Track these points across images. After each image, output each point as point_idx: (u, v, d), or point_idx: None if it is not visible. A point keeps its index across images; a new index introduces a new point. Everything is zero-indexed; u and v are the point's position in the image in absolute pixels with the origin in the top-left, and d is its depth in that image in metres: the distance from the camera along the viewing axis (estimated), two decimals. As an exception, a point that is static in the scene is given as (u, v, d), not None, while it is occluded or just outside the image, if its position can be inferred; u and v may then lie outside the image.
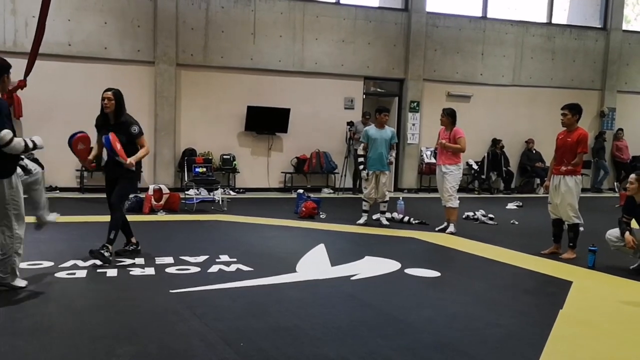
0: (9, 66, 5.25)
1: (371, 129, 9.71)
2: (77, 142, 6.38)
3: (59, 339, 4.13)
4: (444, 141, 9.06)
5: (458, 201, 9.20)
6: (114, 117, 6.52)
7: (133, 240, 6.92)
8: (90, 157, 6.68)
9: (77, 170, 12.74)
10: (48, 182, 12.80)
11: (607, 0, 17.06)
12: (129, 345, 4.00)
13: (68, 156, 7.32)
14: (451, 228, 9.10)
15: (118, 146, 6.35)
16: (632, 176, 6.80)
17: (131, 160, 6.42)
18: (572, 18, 17.31)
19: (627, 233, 6.63)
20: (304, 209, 10.33)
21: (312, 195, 11.57)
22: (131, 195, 10.93)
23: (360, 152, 9.86)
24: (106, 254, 6.33)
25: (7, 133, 4.91)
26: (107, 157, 6.66)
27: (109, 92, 6.52)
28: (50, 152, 8.11)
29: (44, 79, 12.24)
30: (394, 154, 9.78)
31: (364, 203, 9.71)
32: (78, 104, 12.15)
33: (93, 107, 6.96)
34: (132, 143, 6.55)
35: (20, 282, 5.27)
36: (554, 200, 7.58)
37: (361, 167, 9.78)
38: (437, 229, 9.28)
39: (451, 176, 9.07)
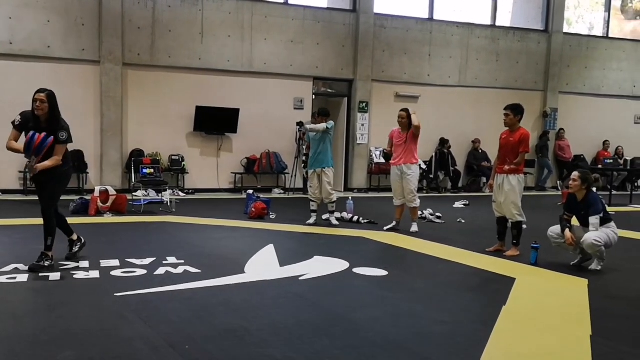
0: None
1: None
2: None
3: (-3, 346, 4.03)
4: (414, 118, 9.05)
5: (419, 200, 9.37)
6: (45, 120, 6.04)
7: (74, 237, 6.67)
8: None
9: (20, 172, 12.42)
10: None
11: (549, 3, 17.52)
12: (70, 350, 3.92)
13: (10, 157, 7.15)
14: (414, 227, 9.20)
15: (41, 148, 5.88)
16: (575, 173, 6.99)
17: (38, 166, 5.93)
18: (515, 20, 17.71)
19: (567, 230, 6.83)
20: (253, 209, 10.29)
21: (262, 195, 11.54)
22: (76, 197, 10.76)
23: (304, 151, 9.94)
24: (46, 263, 6.12)
25: None
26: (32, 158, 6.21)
27: (42, 94, 5.99)
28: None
29: (-16, 78, 11.91)
30: (318, 125, 9.58)
31: (311, 203, 9.75)
32: (19, 104, 11.48)
33: (35, 107, 6.77)
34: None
35: None
36: (498, 198, 7.74)
37: (303, 165, 9.89)
38: (385, 228, 9.36)
39: (412, 176, 9.16)
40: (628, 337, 4.58)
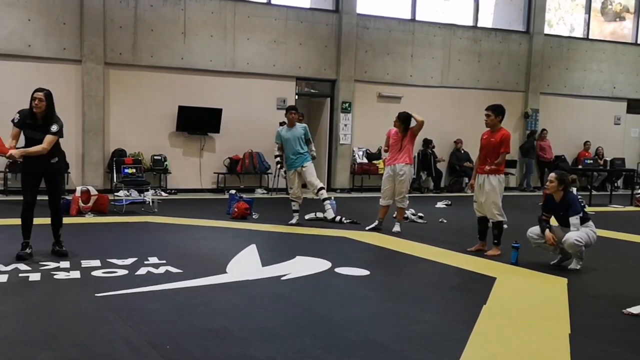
0: None
1: (282, 130, 9.77)
2: None
3: (-24, 347, 4.00)
4: (416, 116, 9.13)
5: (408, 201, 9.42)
6: (42, 118, 6.40)
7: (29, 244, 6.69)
8: (11, 147, 6.38)
9: (1, 171, 12.30)
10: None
11: (530, 4, 17.65)
12: (49, 350, 3.90)
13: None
14: (397, 227, 9.21)
15: None
16: (552, 175, 7.05)
17: (16, 152, 6.31)
18: (497, 22, 17.82)
19: (547, 230, 6.89)
20: (236, 209, 10.28)
21: (244, 195, 11.52)
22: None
23: (275, 153, 9.97)
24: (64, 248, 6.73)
25: None
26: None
27: (40, 93, 6.38)
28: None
29: (-37, 77, 11.78)
30: (313, 148, 9.85)
31: (292, 203, 9.74)
32: (1, 102, 11.72)
33: (16, 106, 6.74)
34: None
35: None
36: (479, 198, 7.79)
37: (278, 166, 9.96)
38: (367, 228, 9.38)
39: (406, 177, 9.15)
40: (606, 335, 4.63)
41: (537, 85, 17.84)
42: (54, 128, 6.44)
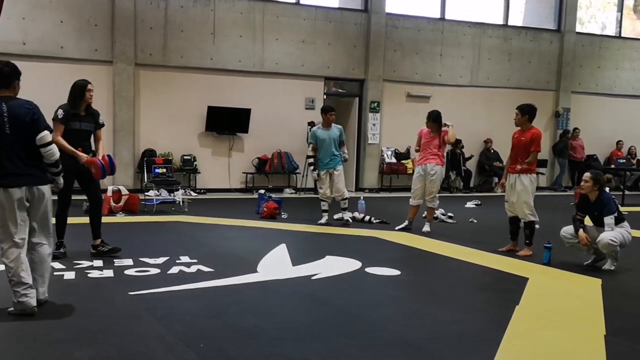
0: (20, 73, 5.09)
1: (319, 130, 9.69)
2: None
3: (14, 345, 4.08)
4: (448, 124, 9.11)
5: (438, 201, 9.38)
6: (85, 108, 6.69)
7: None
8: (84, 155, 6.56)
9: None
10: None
11: (561, 2, 17.42)
12: (86, 348, 3.96)
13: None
14: (427, 227, 9.16)
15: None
16: (586, 175, 6.96)
17: (101, 153, 6.75)
18: (527, 20, 17.63)
19: (580, 230, 6.80)
20: (265, 209, 10.32)
21: (273, 195, 11.56)
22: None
23: (309, 153, 9.95)
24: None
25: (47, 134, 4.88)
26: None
27: (91, 85, 6.78)
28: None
29: (-2, 78, 11.96)
30: (346, 151, 9.86)
31: (322, 203, 9.74)
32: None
33: (49, 107, 6.79)
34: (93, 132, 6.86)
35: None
36: (511, 198, 7.72)
37: (311, 167, 9.89)
38: (397, 228, 9.34)
39: (437, 177, 9.10)
40: (642, 337, 4.57)
41: (569, 84, 17.61)
42: (102, 119, 6.96)
